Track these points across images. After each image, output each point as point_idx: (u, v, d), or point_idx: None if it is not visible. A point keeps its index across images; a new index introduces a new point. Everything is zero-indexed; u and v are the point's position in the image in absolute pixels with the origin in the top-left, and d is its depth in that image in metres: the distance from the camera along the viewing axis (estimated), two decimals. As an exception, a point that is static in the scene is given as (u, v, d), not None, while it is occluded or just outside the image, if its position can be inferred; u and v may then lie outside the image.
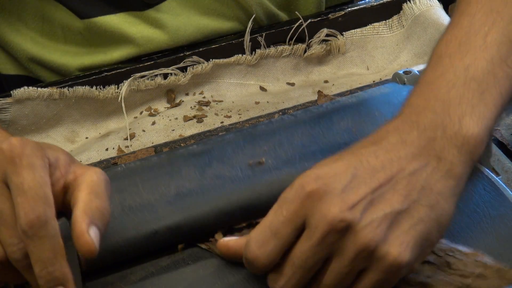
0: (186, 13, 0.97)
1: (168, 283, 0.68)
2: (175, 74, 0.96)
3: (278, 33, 1.00)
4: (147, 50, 0.97)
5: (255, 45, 0.99)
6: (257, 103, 0.96)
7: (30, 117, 0.92)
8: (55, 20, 0.96)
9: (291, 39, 1.00)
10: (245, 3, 0.98)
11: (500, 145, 0.84)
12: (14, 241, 0.60)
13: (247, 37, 0.98)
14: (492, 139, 0.83)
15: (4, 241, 0.61)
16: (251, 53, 0.99)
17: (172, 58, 0.96)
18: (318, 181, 0.62)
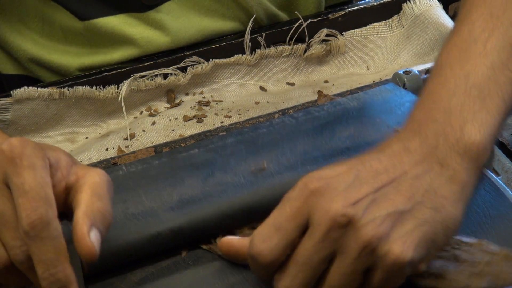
0: (186, 15, 0.97)
1: (168, 283, 0.68)
2: (175, 74, 0.96)
3: (278, 33, 1.00)
4: (147, 51, 0.97)
5: (255, 45, 0.99)
6: (257, 103, 0.96)
7: (30, 117, 0.92)
8: (55, 21, 0.96)
9: (291, 39, 1.00)
10: (246, 3, 0.98)
11: (500, 145, 0.84)
12: (17, 243, 0.60)
13: (247, 37, 0.98)
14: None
15: (7, 244, 0.61)
16: (251, 53, 0.99)
17: (172, 58, 0.96)
18: (321, 180, 0.62)
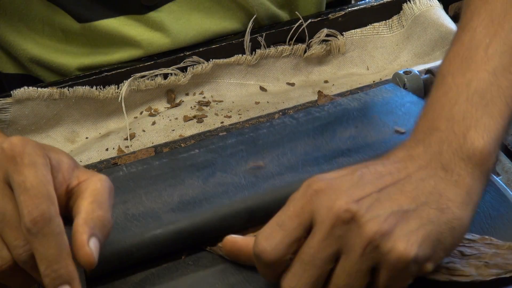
0: (187, 16, 0.97)
1: (169, 284, 0.68)
2: (175, 74, 0.96)
3: (278, 33, 1.00)
4: (147, 53, 0.97)
5: (255, 45, 0.99)
6: (257, 103, 0.96)
7: (30, 117, 0.92)
8: (55, 22, 0.96)
9: (291, 39, 1.00)
10: (247, 4, 0.98)
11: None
12: (20, 243, 0.60)
13: (247, 37, 0.98)
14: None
15: (10, 244, 0.60)
16: (251, 53, 0.99)
17: (172, 58, 0.96)
18: (324, 181, 0.62)
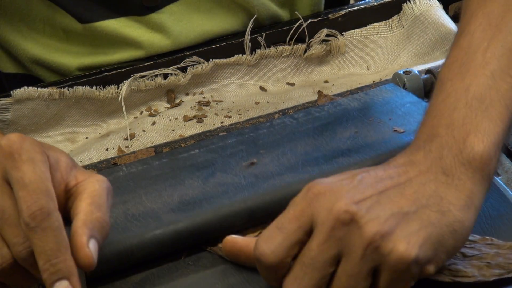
0: (188, 18, 0.97)
1: (169, 284, 0.68)
2: (175, 74, 0.96)
3: (278, 33, 1.00)
4: (148, 54, 0.97)
5: (255, 45, 0.99)
6: (257, 103, 0.96)
7: (30, 117, 0.92)
8: (56, 22, 0.96)
9: (291, 39, 1.00)
10: (247, 4, 0.98)
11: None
12: (19, 240, 0.60)
13: (247, 37, 0.98)
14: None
15: (9, 241, 0.60)
16: (251, 53, 0.99)
17: (172, 58, 0.96)
18: (324, 185, 0.62)
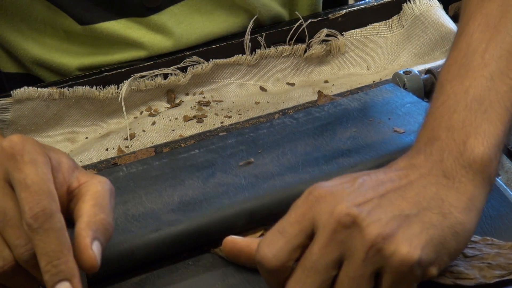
0: (189, 20, 0.97)
1: (169, 284, 0.68)
2: (175, 74, 0.96)
3: (278, 33, 1.00)
4: (149, 55, 0.97)
5: (255, 45, 0.99)
6: (257, 103, 0.96)
7: (30, 117, 0.92)
8: (57, 23, 0.96)
9: (291, 39, 1.00)
10: (249, 6, 0.98)
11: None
12: (21, 242, 0.59)
13: (247, 37, 0.98)
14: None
15: (11, 243, 0.60)
16: (251, 53, 0.99)
17: (172, 58, 0.96)
18: (325, 188, 0.62)
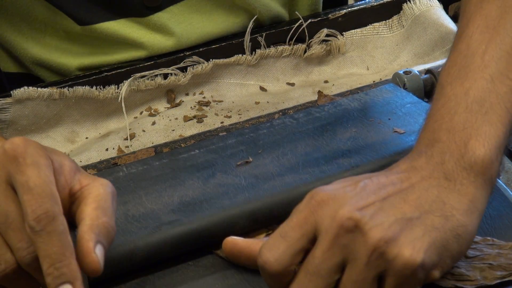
0: (189, 20, 0.97)
1: (169, 284, 0.68)
2: (175, 74, 0.96)
3: (278, 33, 1.00)
4: (150, 55, 0.97)
5: (255, 45, 0.99)
6: (257, 103, 0.96)
7: (30, 117, 0.92)
8: (57, 24, 0.96)
9: (291, 39, 1.00)
10: (249, 6, 0.98)
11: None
12: (24, 245, 0.59)
13: (247, 37, 0.98)
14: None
15: (13, 246, 0.60)
16: (251, 53, 0.99)
17: (172, 58, 0.96)
18: (327, 192, 0.62)
